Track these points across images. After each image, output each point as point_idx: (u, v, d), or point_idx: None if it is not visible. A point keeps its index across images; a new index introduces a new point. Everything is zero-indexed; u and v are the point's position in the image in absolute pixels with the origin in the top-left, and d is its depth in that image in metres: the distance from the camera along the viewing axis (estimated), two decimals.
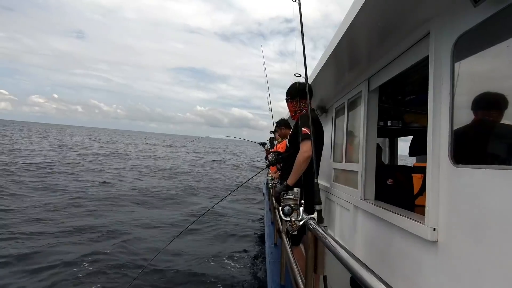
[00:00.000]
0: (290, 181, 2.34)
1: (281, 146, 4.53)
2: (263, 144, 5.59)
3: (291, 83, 2.78)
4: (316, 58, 1.98)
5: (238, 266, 5.43)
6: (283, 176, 2.86)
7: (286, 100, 2.81)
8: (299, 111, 2.67)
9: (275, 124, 5.47)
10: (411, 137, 4.04)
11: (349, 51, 2.29)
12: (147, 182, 13.68)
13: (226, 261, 5.66)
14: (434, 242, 1.41)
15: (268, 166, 3.56)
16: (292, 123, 4.03)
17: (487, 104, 1.22)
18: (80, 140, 44.31)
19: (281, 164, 3.32)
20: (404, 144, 5.15)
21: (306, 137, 2.23)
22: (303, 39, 2.00)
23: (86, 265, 4.92)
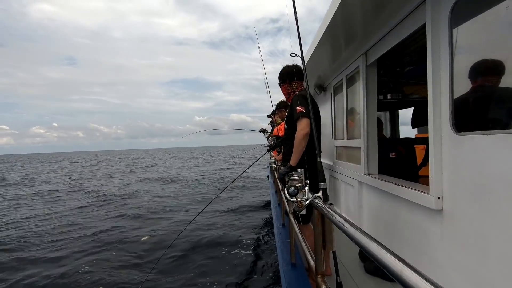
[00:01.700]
0: (292, 161, 2.35)
1: (281, 128, 4.53)
2: (263, 130, 5.60)
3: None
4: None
5: (250, 249, 5.56)
6: (286, 158, 2.87)
7: (279, 84, 2.80)
8: (292, 93, 2.66)
9: (274, 107, 5.43)
10: (412, 109, 4.01)
11: (344, 26, 2.23)
12: None
13: (236, 245, 5.79)
14: (439, 211, 1.43)
15: (268, 150, 3.55)
16: None
17: (486, 70, 1.20)
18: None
19: (281, 147, 3.32)
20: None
21: (301, 115, 2.22)
22: (296, 18, 1.94)
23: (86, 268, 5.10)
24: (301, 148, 2.23)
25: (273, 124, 5.98)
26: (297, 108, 2.24)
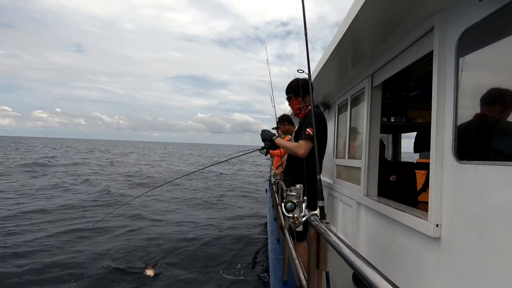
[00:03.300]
0: (277, 140, 2.52)
1: None
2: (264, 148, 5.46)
3: (290, 80, 2.66)
4: (314, 60, 1.98)
5: (241, 263, 5.45)
6: (287, 173, 2.85)
7: (289, 98, 2.65)
8: (304, 107, 2.60)
9: (277, 120, 5.43)
10: (415, 133, 4.02)
11: (352, 47, 2.27)
12: None
13: (228, 258, 5.69)
14: (437, 239, 1.41)
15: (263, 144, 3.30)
16: (295, 119, 3.98)
17: (493, 99, 1.20)
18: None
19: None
20: (407, 140, 5.13)
21: (309, 137, 2.25)
22: (306, 35, 1.97)
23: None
24: (288, 150, 2.46)
25: None
26: (307, 129, 2.26)
